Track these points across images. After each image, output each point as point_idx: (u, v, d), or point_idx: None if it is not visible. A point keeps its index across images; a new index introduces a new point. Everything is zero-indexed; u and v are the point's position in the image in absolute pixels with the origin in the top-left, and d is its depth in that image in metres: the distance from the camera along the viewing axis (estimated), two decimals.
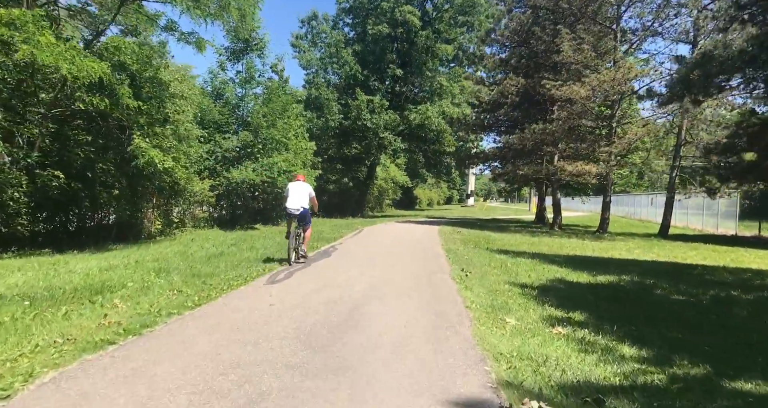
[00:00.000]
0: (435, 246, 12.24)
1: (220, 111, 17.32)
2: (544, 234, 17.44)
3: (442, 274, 7.78)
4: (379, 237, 14.33)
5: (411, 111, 25.75)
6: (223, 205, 18.08)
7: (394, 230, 17.35)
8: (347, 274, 7.54)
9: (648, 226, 24.55)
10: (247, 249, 10.19)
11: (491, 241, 14.15)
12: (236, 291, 6.07)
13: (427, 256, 10.01)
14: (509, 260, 9.84)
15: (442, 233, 16.07)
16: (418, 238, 14.35)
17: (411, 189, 46.37)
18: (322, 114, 25.45)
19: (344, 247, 11.31)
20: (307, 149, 22.13)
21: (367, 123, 24.50)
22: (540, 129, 16.76)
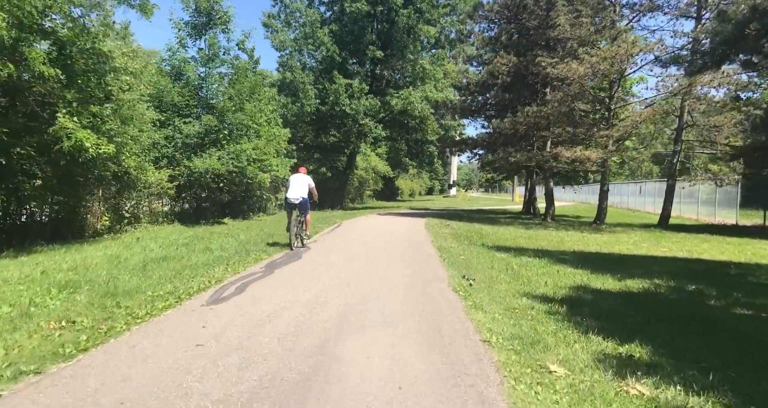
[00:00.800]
0: (424, 243, 10.59)
1: (180, 92, 15.24)
2: (538, 226, 15.97)
3: (438, 283, 6.10)
4: (360, 233, 12.61)
5: (392, 96, 23.92)
6: (185, 198, 16.08)
7: (377, 224, 15.65)
8: (318, 285, 5.81)
9: (640, 216, 23.42)
10: (200, 250, 8.34)
11: (485, 236, 12.57)
12: (158, 318, 4.29)
13: (418, 257, 8.33)
14: (513, 260, 8.24)
15: (430, 227, 14.44)
16: (404, 233, 12.68)
17: (393, 179, 44.66)
18: (297, 99, 23.43)
19: (319, 247, 9.56)
20: (281, 136, 20.24)
21: (346, 108, 22.60)
22: (534, 112, 15.19)
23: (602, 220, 16.12)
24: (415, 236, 11.82)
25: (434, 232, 13.00)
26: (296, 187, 9.10)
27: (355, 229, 13.35)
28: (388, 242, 10.44)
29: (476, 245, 10.52)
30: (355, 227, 14.17)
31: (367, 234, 12.10)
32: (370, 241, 10.56)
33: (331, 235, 11.95)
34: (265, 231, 12.62)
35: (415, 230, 13.37)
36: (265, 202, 20.89)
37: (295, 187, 9.10)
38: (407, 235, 12.14)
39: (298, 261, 7.68)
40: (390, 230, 13.26)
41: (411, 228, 14.11)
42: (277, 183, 20.84)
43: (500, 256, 8.73)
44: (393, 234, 12.24)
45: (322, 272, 6.68)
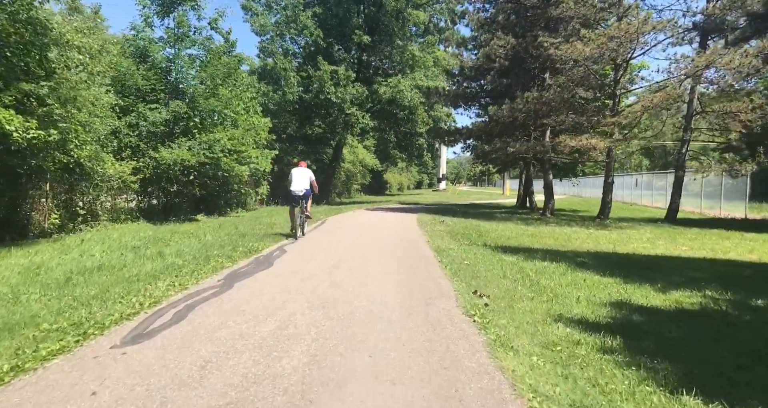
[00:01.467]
0: (419, 243, 9.18)
1: (145, 75, 13.56)
2: (539, 222, 14.69)
3: (444, 301, 4.70)
4: (346, 231, 11.16)
5: (380, 84, 22.40)
6: (152, 193, 14.45)
7: (365, 220, 14.21)
8: (286, 309, 4.36)
9: (640, 209, 22.34)
10: (150, 256, 6.83)
11: (484, 234, 11.23)
12: (28, 377, 2.80)
13: (413, 263, 6.91)
14: (525, 265, 6.89)
15: (423, 223, 13.05)
16: (396, 231, 11.26)
17: (381, 173, 43.20)
18: (279, 87, 21.80)
19: (295, 250, 8.10)
20: (261, 126, 18.67)
21: (332, 97, 21.04)
22: (535, 98, 13.83)
23: (606, 215, 14.89)
24: (408, 235, 10.41)
25: (428, 229, 11.61)
26: (299, 180, 9.80)
27: (340, 227, 11.90)
28: (378, 243, 9.01)
29: (477, 245, 9.16)
30: (340, 224, 12.71)
31: (354, 233, 10.66)
32: (356, 241, 9.11)
33: (314, 234, 10.48)
34: (239, 229, 11.11)
35: (408, 228, 11.97)
36: (244, 197, 19.32)
37: (298, 180, 9.80)
38: (399, 233, 10.72)
39: (267, 270, 6.21)
40: (379, 227, 11.84)
41: (402, 225, 12.70)
42: (257, 176, 19.27)
43: (509, 260, 7.37)
44: (383, 233, 10.82)
45: (295, 287, 5.23)
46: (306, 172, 10.11)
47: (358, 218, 14.92)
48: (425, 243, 9.19)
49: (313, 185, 10.18)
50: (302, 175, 9.98)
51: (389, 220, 14.12)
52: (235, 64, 15.71)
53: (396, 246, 8.61)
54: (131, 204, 14.39)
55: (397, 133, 26.55)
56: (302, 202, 9.73)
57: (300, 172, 10.02)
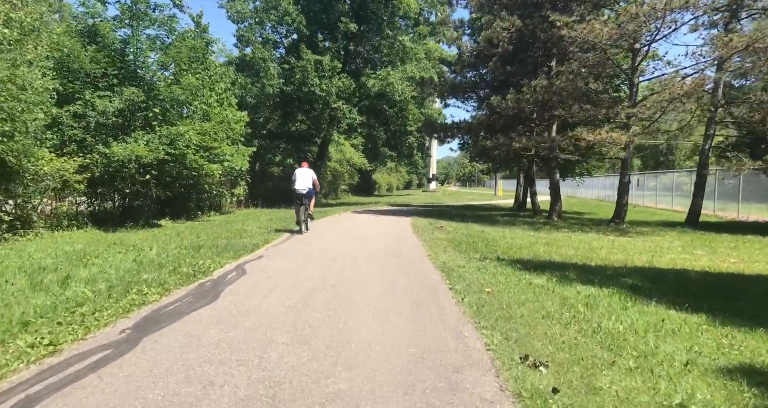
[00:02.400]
0: (418, 258, 7.28)
1: (94, 57, 11.45)
2: (548, 227, 12.90)
3: (477, 378, 2.78)
4: (327, 241, 9.20)
5: (369, 77, 20.49)
6: (104, 194, 12.36)
7: (352, 226, 12.26)
8: (213, 395, 2.42)
9: (649, 212, 20.72)
10: (46, 286, 4.80)
11: (492, 243, 9.39)
12: None
13: (416, 292, 4.98)
14: (567, 293, 5.03)
15: (419, 230, 11.15)
16: (388, 240, 9.34)
17: (369, 173, 41.26)
18: (258, 79, 19.76)
19: (262, 268, 6.15)
20: (237, 121, 16.66)
21: (316, 90, 19.05)
22: (544, 87, 12.03)
23: (622, 219, 13.16)
24: (404, 247, 8.49)
25: (426, 237, 9.72)
26: (302, 180, 10.18)
27: (322, 236, 9.94)
28: (367, 259, 7.07)
29: (491, 260, 7.28)
30: (323, 232, 10.76)
31: (337, 244, 8.70)
32: (339, 257, 7.15)
33: (287, 246, 8.51)
34: (200, 238, 9.13)
35: (402, 236, 10.06)
36: (218, 198, 17.25)
37: (302, 180, 10.18)
38: (393, 244, 8.79)
39: (206, 307, 4.24)
40: (368, 236, 9.90)
41: (396, 232, 10.79)
42: (232, 175, 17.22)
43: (539, 283, 5.51)
44: (373, 243, 8.88)
45: (236, 347, 3.29)
46: (309, 172, 10.51)
47: (344, 223, 12.98)
48: (426, 257, 7.30)
49: (315, 184, 10.55)
50: (305, 175, 10.37)
51: (380, 226, 12.20)
52: (203, 48, 13.65)
53: (390, 264, 6.67)
54: (81, 207, 12.32)
55: (387, 131, 24.65)
56: (305, 200, 10.11)
57: (303, 173, 10.41)
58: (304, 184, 10.15)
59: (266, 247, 8.20)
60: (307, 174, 10.44)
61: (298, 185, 10.12)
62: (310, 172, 10.54)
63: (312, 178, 10.44)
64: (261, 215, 15.62)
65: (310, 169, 10.76)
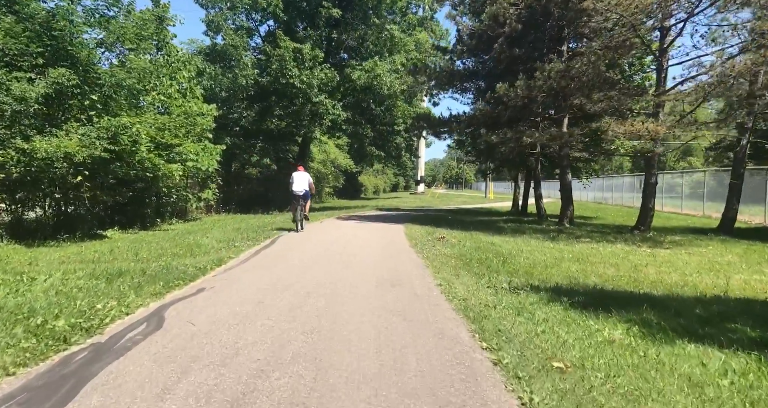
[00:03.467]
0: (426, 291, 5.13)
1: (10, 30, 9.13)
2: (563, 235, 10.96)
3: None
4: (299, 262, 7.02)
5: (354, 68, 18.39)
6: (29, 200, 10.02)
7: (335, 238, 10.10)
8: None
9: (662, 216, 18.97)
10: None
11: (512, 261, 7.37)
12: None
13: (439, 380, 2.90)
14: (683, 363, 2.99)
15: (416, 241, 9.04)
16: (381, 259, 7.20)
17: (356, 175, 39.09)
18: (230, 69, 17.51)
19: (191, 314, 3.98)
20: (204, 114, 14.48)
21: (295, 81, 16.86)
22: (559, 71, 10.09)
23: (648, 226, 11.28)
24: (403, 269, 6.35)
25: (429, 254, 7.62)
26: (299, 182, 10.88)
27: (293, 253, 7.75)
28: (353, 296, 4.90)
29: (525, 290, 5.22)
30: (297, 246, 8.56)
31: (313, 269, 6.54)
32: (312, 294, 4.90)
33: (245, 269, 6.31)
34: (138, 256, 6.96)
35: (398, 252, 7.93)
36: (181, 203, 14.96)
37: (298, 182, 10.88)
38: (387, 265, 6.64)
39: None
40: (355, 252, 7.75)
41: (389, 246, 8.66)
42: (199, 177, 14.95)
43: (620, 338, 3.48)
44: (360, 264, 6.74)
45: None
46: (305, 175, 11.18)
47: (326, 234, 10.81)
48: (436, 288, 5.20)
49: (311, 187, 11.13)
50: (302, 178, 11.00)
51: (369, 237, 10.06)
52: (154, 24, 11.40)
53: (388, 305, 4.50)
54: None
55: (374, 129, 22.51)
56: (302, 200, 10.80)
57: (300, 176, 11.05)
58: (301, 186, 10.80)
59: (215, 271, 6.00)
60: (304, 177, 11.08)
61: (295, 187, 10.78)
62: (307, 175, 11.24)
63: (308, 181, 11.05)
64: (230, 223, 13.37)
65: (306, 172, 11.52)
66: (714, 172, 18.49)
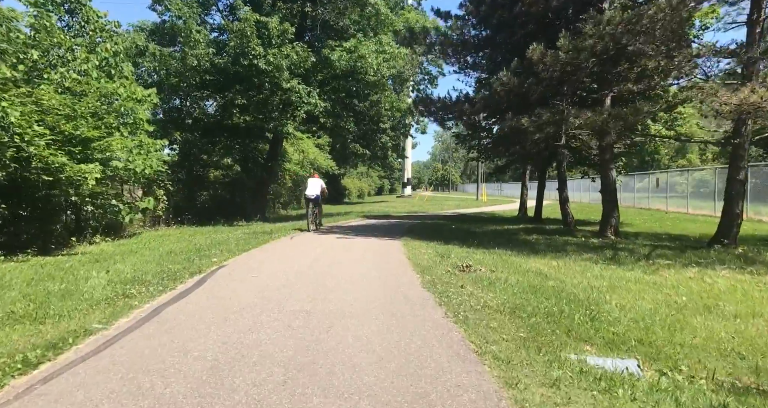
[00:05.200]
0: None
1: None
2: (625, 254, 7.88)
3: None
4: (230, 335, 3.76)
5: (333, 49, 15.11)
6: None
7: (301, 270, 6.72)
8: None
9: (680, 217, 16.19)
10: None
11: (602, 317, 4.19)
12: None
13: None
14: None
15: (429, 275, 5.73)
16: (378, 325, 3.95)
17: (338, 178, 35.72)
18: (178, 47, 14.11)
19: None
20: (140, 100, 11.19)
21: (260, 62, 13.50)
22: (622, 21, 7.04)
23: (734, 238, 8.26)
24: (423, 356, 3.12)
25: (456, 301, 4.37)
26: (312, 188, 11.78)
27: (216, 314, 4.42)
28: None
29: None
30: (231, 295, 5.20)
31: (242, 362, 3.27)
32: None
33: (144, 332, 3.01)
34: None
35: (405, 302, 4.59)
36: (111, 215, 11.47)
37: (311, 188, 11.79)
38: (391, 342, 3.40)
39: None
40: (329, 313, 4.42)
41: (389, 290, 5.35)
42: (132, 180, 11.48)
43: None
44: (339, 347, 3.49)
45: None
46: (318, 181, 12.06)
47: (290, 261, 7.45)
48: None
49: (323, 192, 12.06)
50: (315, 183, 11.90)
51: (354, 266, 6.75)
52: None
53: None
54: None
55: (358, 124, 19.22)
56: (312, 204, 11.83)
57: (313, 181, 11.99)
58: (313, 191, 11.66)
59: (127, 318, 2.72)
60: (317, 183, 11.85)
61: (308, 192, 11.72)
62: (320, 182, 11.99)
63: (321, 187, 11.84)
64: (171, 241, 9.94)
65: (319, 178, 12.27)
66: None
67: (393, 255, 7.65)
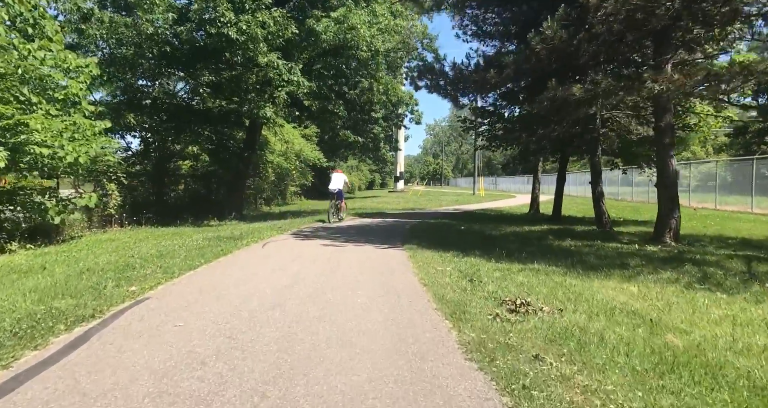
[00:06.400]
0: None
1: None
2: (717, 272, 5.74)
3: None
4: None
5: (319, 20, 12.71)
6: None
7: (261, 305, 4.49)
8: None
9: (716, 215, 14.23)
10: None
11: None
12: None
13: None
14: None
15: (453, 310, 3.52)
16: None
17: (327, 171, 33.24)
18: (132, 14, 11.60)
19: None
20: (73, 70, 8.81)
21: (230, 31, 11.08)
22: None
23: None
24: None
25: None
26: (335, 182, 12.30)
27: (114, 390, 2.20)
28: None
29: None
30: (145, 349, 2.94)
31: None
32: None
33: None
34: None
35: (444, 402, 2.45)
36: (32, 214, 9.06)
37: (335, 182, 12.30)
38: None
39: None
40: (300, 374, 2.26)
41: (405, 357, 3.15)
42: (57, 166, 8.99)
43: None
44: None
45: None
46: (341, 176, 12.55)
47: (252, 288, 5.17)
48: None
49: (346, 185, 12.83)
50: (338, 178, 12.37)
51: (345, 300, 4.50)
52: None
53: None
54: None
55: (348, 110, 16.82)
56: (336, 197, 12.45)
57: (337, 176, 12.46)
58: (336, 185, 12.24)
59: None
60: (340, 178, 12.43)
61: (331, 186, 12.32)
62: (343, 176, 12.60)
63: (344, 181, 12.49)
64: (106, 251, 7.57)
65: (343, 173, 12.96)
66: None
67: (399, 276, 5.39)
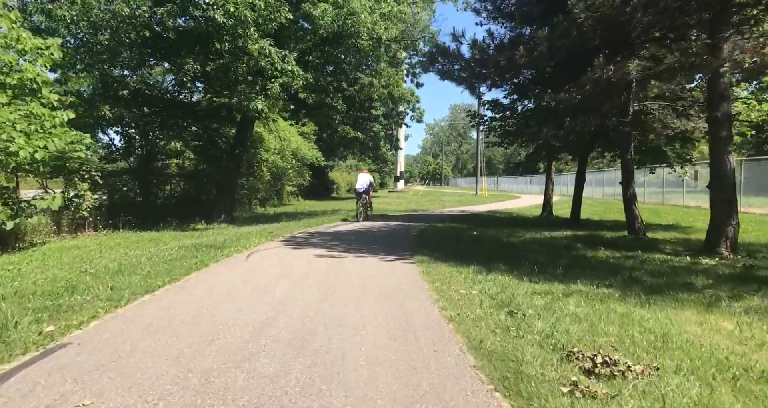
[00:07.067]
0: None
1: None
2: None
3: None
4: None
5: (315, 3, 11.46)
6: None
7: (222, 360, 3.29)
8: None
9: (745, 219, 12.97)
10: None
11: None
12: None
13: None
14: None
15: (504, 374, 2.31)
16: None
17: (325, 170, 32.04)
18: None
19: None
20: (30, 52, 7.50)
21: (215, 14, 9.83)
22: None
23: None
24: None
25: None
26: (361, 182, 13.09)
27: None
28: None
29: None
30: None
31: None
32: None
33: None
34: None
35: None
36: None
37: (360, 182, 13.10)
38: None
39: None
40: None
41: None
42: (8, 163, 7.74)
43: None
44: None
45: None
46: (367, 176, 13.32)
47: (219, 323, 3.96)
48: None
49: (372, 185, 13.44)
50: (364, 178, 13.15)
51: (342, 350, 3.30)
52: None
53: None
54: None
55: (347, 104, 15.57)
56: (363, 196, 12.97)
57: (363, 177, 13.26)
58: (362, 185, 12.95)
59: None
60: (366, 178, 13.14)
61: (358, 186, 13.14)
62: (368, 177, 13.29)
63: (369, 181, 13.15)
64: (60, 266, 6.32)
65: (368, 174, 13.56)
66: None
67: (413, 304, 4.17)
